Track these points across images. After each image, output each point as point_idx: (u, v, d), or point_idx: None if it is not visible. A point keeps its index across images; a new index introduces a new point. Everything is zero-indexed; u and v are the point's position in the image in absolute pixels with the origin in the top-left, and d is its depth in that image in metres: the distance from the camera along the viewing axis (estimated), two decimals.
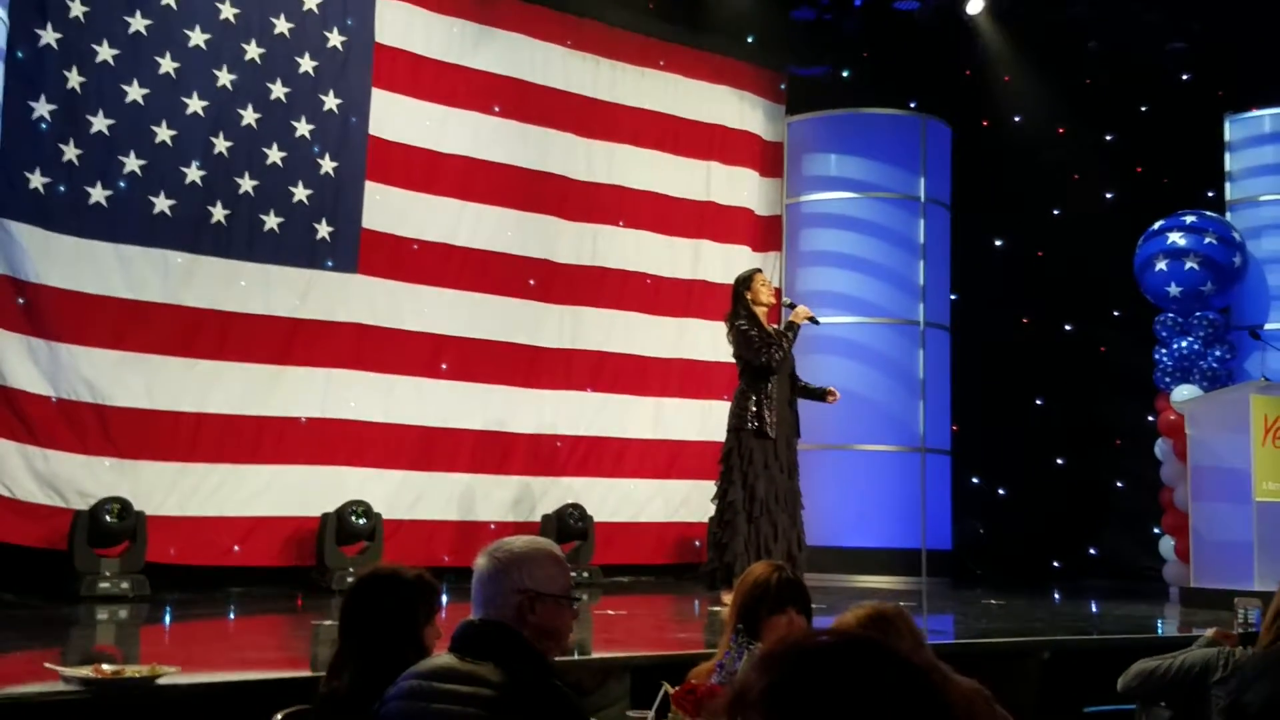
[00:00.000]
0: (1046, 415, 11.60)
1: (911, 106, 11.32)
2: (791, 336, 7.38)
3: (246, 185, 8.15)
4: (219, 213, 8.02)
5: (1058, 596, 9.67)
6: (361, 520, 8.10)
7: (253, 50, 8.23)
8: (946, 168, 11.35)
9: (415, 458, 8.76)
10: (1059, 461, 11.60)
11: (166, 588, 7.36)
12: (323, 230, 8.47)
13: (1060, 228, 11.56)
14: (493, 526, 8.94)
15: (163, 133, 7.81)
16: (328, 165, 8.52)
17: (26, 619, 6.43)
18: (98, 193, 7.55)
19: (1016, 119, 11.66)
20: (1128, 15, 10.75)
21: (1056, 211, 11.71)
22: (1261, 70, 10.22)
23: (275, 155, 8.29)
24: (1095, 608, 8.73)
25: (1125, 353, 10.94)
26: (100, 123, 7.57)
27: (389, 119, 8.84)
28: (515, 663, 2.49)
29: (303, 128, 8.42)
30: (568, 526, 9.06)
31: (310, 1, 8.50)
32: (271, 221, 8.25)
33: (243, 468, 7.98)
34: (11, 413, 7.13)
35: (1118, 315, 11.26)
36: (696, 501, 9.62)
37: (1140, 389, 10.19)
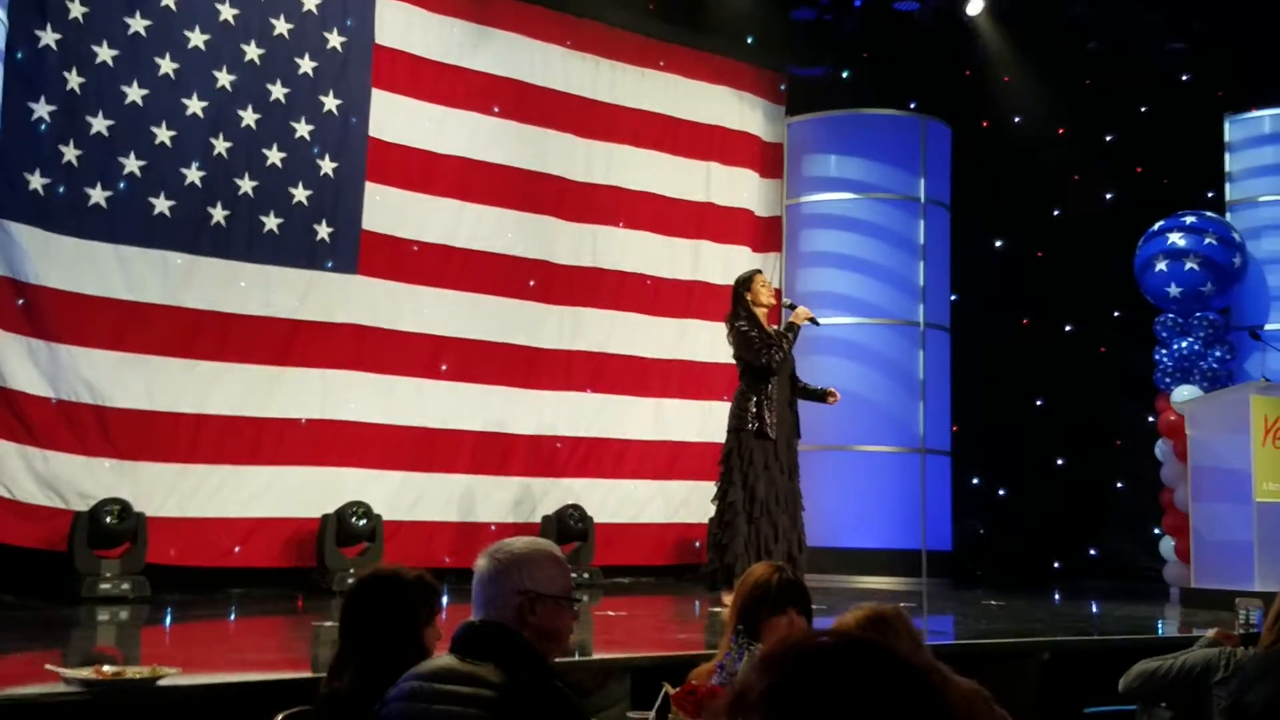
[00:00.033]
0: (1047, 416, 11.60)
1: (911, 107, 11.32)
2: (792, 337, 7.37)
3: (246, 186, 8.15)
4: (219, 214, 8.02)
5: (1058, 597, 9.66)
6: (362, 521, 8.10)
7: (252, 51, 8.23)
8: (946, 168, 11.34)
9: (415, 459, 8.76)
10: (1059, 462, 11.60)
11: (167, 589, 7.36)
12: (322, 231, 8.47)
13: (1060, 228, 11.56)
14: (493, 528, 8.93)
15: (162, 134, 7.81)
16: (327, 166, 8.52)
17: (27, 620, 6.42)
18: (97, 194, 7.54)
19: (1016, 119, 11.66)
20: (1127, 15, 10.75)
21: (1056, 212, 11.71)
22: (1261, 70, 10.22)
23: (275, 156, 8.29)
24: (1095, 608, 8.73)
25: (1125, 353, 10.95)
26: (100, 124, 7.57)
27: (388, 120, 8.84)
28: (516, 664, 2.49)
29: (302, 129, 8.42)
30: (568, 527, 9.06)
31: (310, 2, 8.50)
32: (271, 222, 8.25)
33: (243, 469, 7.98)
34: (11, 414, 7.13)
35: (1118, 316, 11.26)
36: (696, 502, 9.62)
37: (1140, 389, 10.19)
